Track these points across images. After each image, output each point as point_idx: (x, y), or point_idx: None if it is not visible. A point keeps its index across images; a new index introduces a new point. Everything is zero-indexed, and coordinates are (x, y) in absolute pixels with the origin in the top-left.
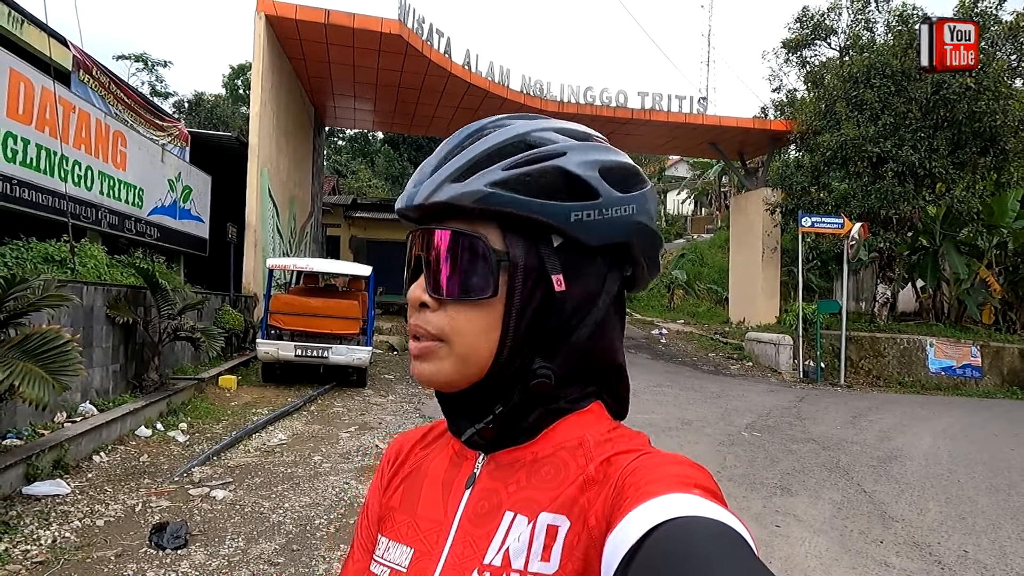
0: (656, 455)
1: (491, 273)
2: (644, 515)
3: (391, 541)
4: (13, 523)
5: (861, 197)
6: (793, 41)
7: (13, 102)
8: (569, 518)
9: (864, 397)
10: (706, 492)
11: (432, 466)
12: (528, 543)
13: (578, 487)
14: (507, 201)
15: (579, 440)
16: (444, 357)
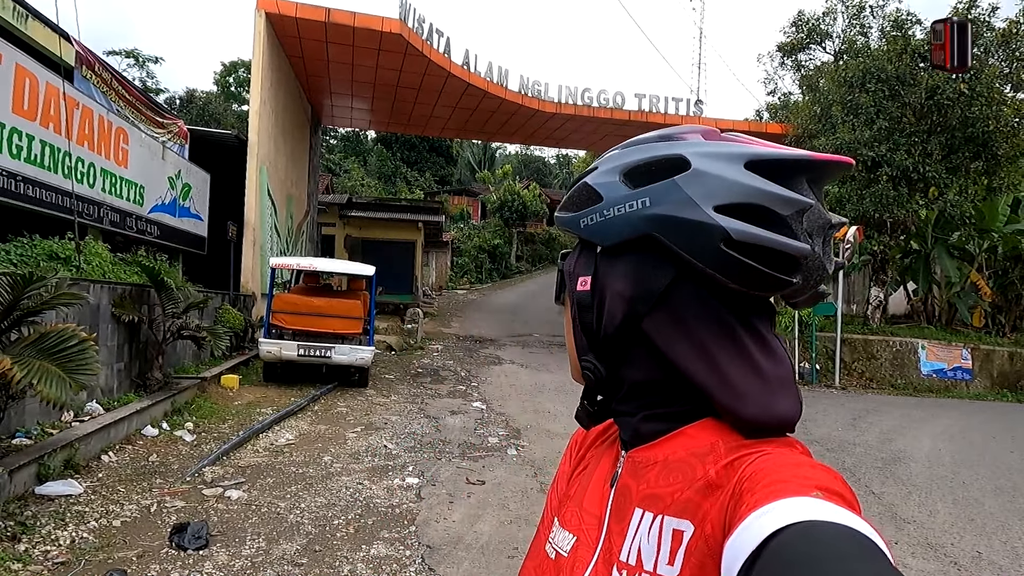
0: (776, 455)
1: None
2: (764, 520)
3: (561, 527)
4: (30, 523)
5: (855, 201)
6: (788, 45)
7: (18, 98)
8: (693, 523)
9: (860, 399)
10: (830, 494)
11: (603, 462)
12: (657, 544)
13: (700, 491)
14: (560, 221)
15: (711, 445)
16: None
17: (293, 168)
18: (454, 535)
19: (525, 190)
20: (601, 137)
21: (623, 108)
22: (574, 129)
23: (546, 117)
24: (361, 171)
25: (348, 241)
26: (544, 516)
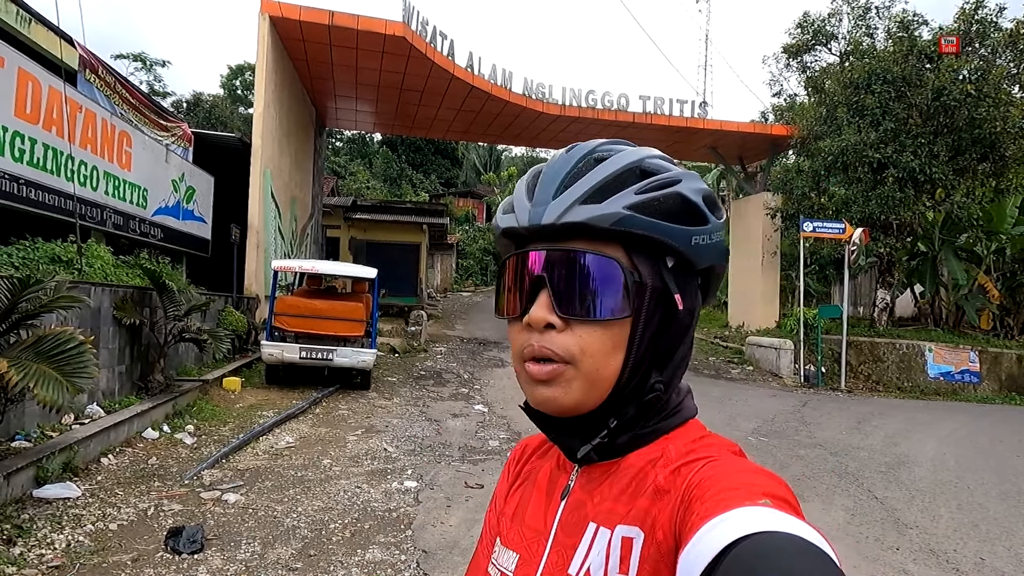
0: (723, 462)
1: (627, 294)
2: (718, 531)
3: (503, 546)
4: (26, 526)
5: (862, 202)
6: (794, 46)
7: (21, 101)
8: (643, 530)
9: (866, 402)
10: (779, 502)
11: (540, 476)
12: (606, 556)
13: (650, 498)
14: (643, 224)
15: (661, 452)
16: (571, 379)
17: (297, 171)
18: (450, 539)
19: None
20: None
21: (627, 110)
22: (579, 131)
23: (550, 119)
24: (366, 173)
25: (353, 243)
26: (483, 537)
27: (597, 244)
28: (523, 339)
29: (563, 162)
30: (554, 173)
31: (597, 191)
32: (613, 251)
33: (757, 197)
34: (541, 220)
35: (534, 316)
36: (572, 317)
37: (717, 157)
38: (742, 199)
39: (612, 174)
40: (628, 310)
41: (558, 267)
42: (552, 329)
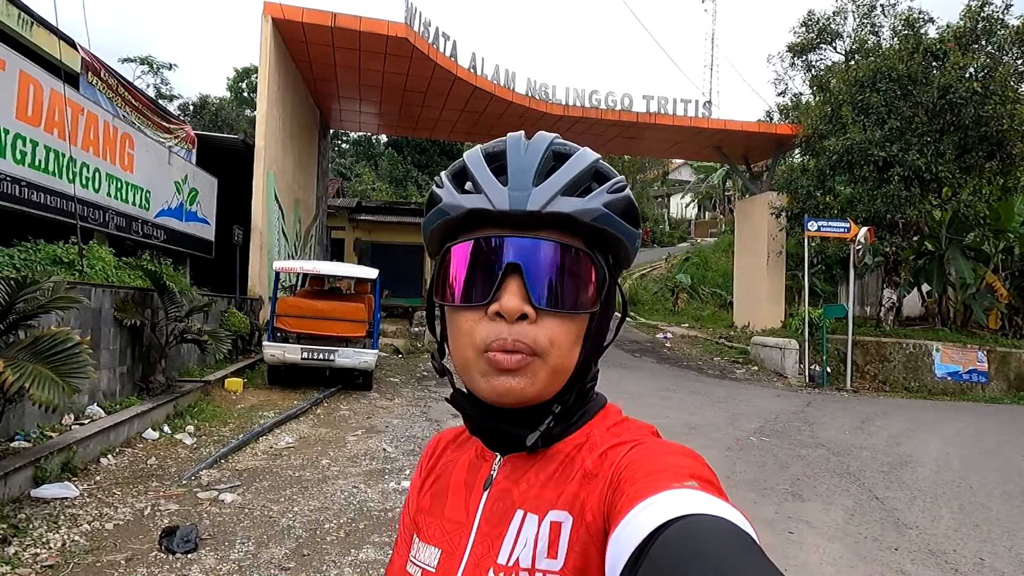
0: (649, 445)
1: (598, 287)
2: (647, 513)
3: (422, 542)
4: (22, 526)
5: (867, 201)
6: (798, 45)
7: (23, 104)
8: (571, 514)
9: (871, 402)
10: (705, 483)
11: (457, 468)
12: (534, 541)
13: (578, 482)
14: (614, 222)
15: (586, 436)
16: (538, 370)
17: (301, 172)
18: None
19: None
20: (610, 139)
21: (631, 110)
22: (582, 131)
23: (554, 120)
24: (372, 175)
25: (357, 244)
26: (399, 538)
27: (565, 235)
28: (488, 329)
29: (530, 154)
30: (523, 161)
31: (572, 185)
32: (578, 243)
33: (762, 197)
34: (526, 206)
35: (508, 306)
36: (548, 309)
37: (722, 157)
38: (747, 199)
39: (582, 171)
40: (597, 304)
41: (535, 256)
42: (524, 320)
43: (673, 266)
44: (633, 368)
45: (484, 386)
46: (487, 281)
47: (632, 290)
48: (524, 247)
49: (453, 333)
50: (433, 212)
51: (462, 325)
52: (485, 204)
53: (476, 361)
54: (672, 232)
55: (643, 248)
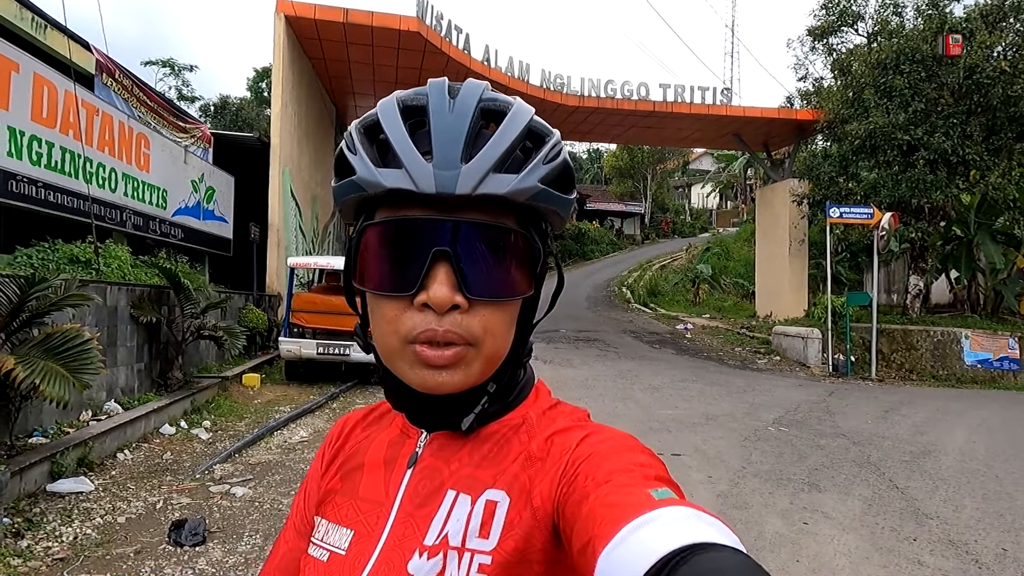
0: (601, 435)
1: (533, 270)
2: (649, 535)
3: (331, 524)
4: (36, 520)
5: (891, 186)
6: (818, 28)
7: (37, 106)
8: (509, 494)
9: (896, 391)
10: (670, 484)
11: (374, 446)
12: (467, 520)
13: (520, 464)
14: (550, 197)
15: (522, 417)
16: (472, 361)
17: (318, 169)
18: None
19: None
20: (626, 129)
21: (648, 99)
22: (598, 122)
23: (569, 111)
24: None
25: None
26: (288, 525)
27: (496, 214)
28: (415, 320)
29: (456, 115)
30: (450, 127)
31: (505, 157)
32: (509, 221)
33: (783, 184)
34: (455, 189)
35: (437, 297)
36: (482, 298)
37: (742, 144)
38: (768, 187)
39: (516, 137)
40: (532, 287)
41: (465, 241)
42: (455, 310)
43: (694, 256)
44: (652, 359)
45: (413, 377)
46: (413, 268)
47: (652, 281)
48: (452, 231)
49: (375, 319)
50: (345, 184)
51: (385, 313)
52: (407, 184)
53: (402, 351)
54: (693, 222)
55: (663, 239)
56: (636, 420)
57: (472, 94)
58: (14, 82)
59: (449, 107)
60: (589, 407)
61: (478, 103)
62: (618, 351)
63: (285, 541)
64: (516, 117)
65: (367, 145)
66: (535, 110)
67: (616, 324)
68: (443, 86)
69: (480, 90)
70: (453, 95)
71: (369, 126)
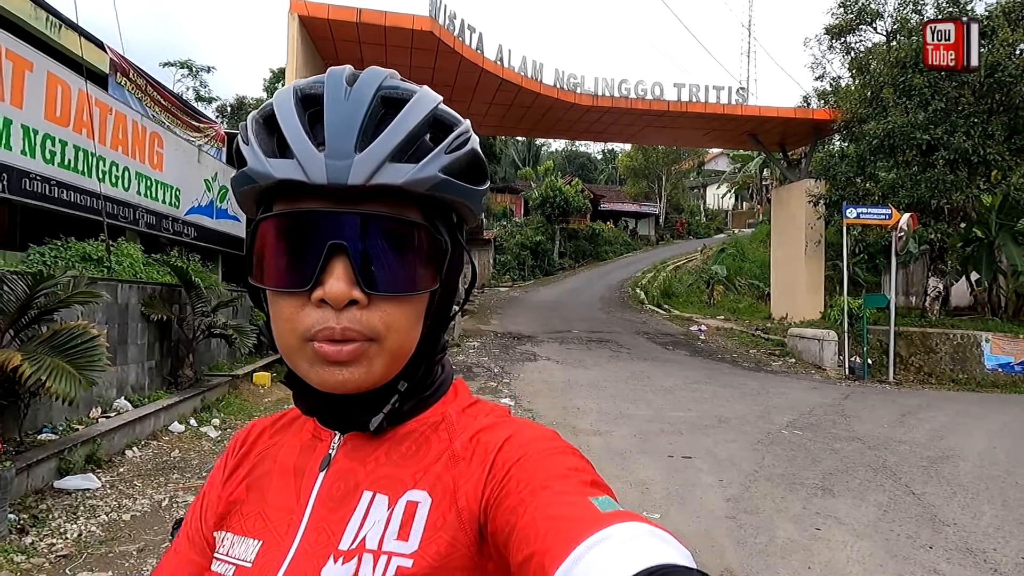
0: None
1: (437, 263)
2: (605, 555)
3: (236, 536)
4: (42, 516)
5: (910, 187)
6: (836, 27)
7: (51, 104)
8: (432, 495)
9: (914, 395)
10: (612, 496)
11: (283, 453)
12: (385, 522)
13: (443, 464)
14: (454, 188)
15: (441, 415)
16: (375, 357)
17: None
18: None
19: (568, 186)
20: (640, 128)
21: (662, 98)
22: (612, 122)
23: (583, 110)
24: None
25: None
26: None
27: (397, 206)
28: (313, 317)
29: (353, 103)
30: (344, 116)
31: (404, 146)
32: (412, 213)
33: (799, 184)
34: (347, 180)
35: (334, 292)
36: (380, 293)
37: (757, 144)
38: (784, 187)
39: (417, 126)
40: (437, 281)
41: (362, 234)
42: (353, 305)
43: (709, 257)
44: (664, 361)
45: (314, 377)
46: (308, 263)
47: (666, 282)
48: (349, 224)
49: (274, 316)
50: (239, 175)
51: (282, 311)
52: (298, 174)
53: (301, 349)
54: (708, 223)
55: (677, 239)
56: (647, 422)
57: (371, 82)
58: (28, 81)
59: (345, 95)
60: (600, 408)
61: (377, 91)
62: (631, 352)
63: (176, 552)
64: (417, 105)
65: (264, 135)
66: (550, 106)
67: (629, 325)
68: (341, 73)
69: (381, 77)
70: (351, 83)
71: (268, 116)
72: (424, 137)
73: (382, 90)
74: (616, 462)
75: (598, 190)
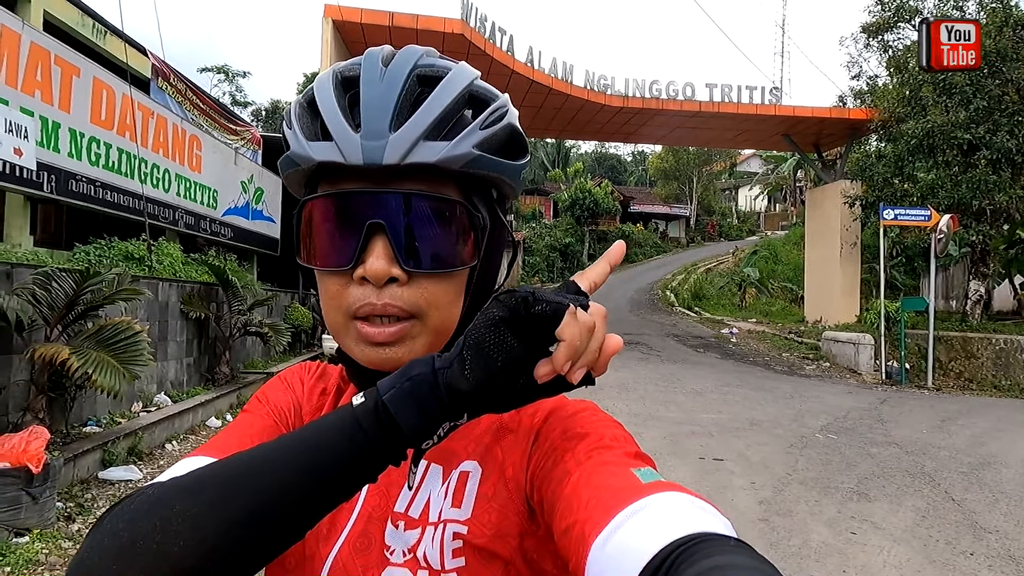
0: (568, 405)
1: (476, 240)
2: (644, 523)
3: None
4: (87, 505)
5: (950, 187)
6: (874, 25)
7: (96, 108)
8: (482, 466)
9: (954, 400)
10: (654, 467)
11: None
12: (441, 491)
13: (492, 436)
14: (489, 164)
15: None
16: (418, 335)
17: None
18: None
19: (597, 188)
20: (671, 130)
21: (694, 99)
22: (643, 123)
23: (613, 111)
24: None
25: None
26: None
27: (435, 183)
28: (356, 294)
29: (387, 83)
30: (379, 96)
31: (439, 123)
32: (451, 190)
33: (835, 185)
34: (382, 159)
35: (374, 270)
36: (419, 270)
37: (791, 145)
38: (819, 188)
39: (452, 102)
40: (476, 257)
41: (399, 212)
42: (394, 282)
43: (740, 260)
44: (695, 364)
45: (359, 354)
46: (349, 242)
47: (697, 284)
48: (386, 203)
49: (322, 295)
50: (284, 158)
51: (328, 289)
52: (335, 156)
53: (346, 327)
54: (740, 225)
55: (709, 242)
56: (677, 424)
57: (406, 61)
58: (75, 86)
59: (380, 75)
60: (630, 410)
61: (412, 69)
62: (660, 355)
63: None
64: (452, 82)
65: (307, 120)
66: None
67: (659, 327)
68: (378, 54)
69: (416, 56)
70: (387, 63)
71: (311, 100)
72: (461, 113)
73: (417, 68)
74: None
75: (628, 192)
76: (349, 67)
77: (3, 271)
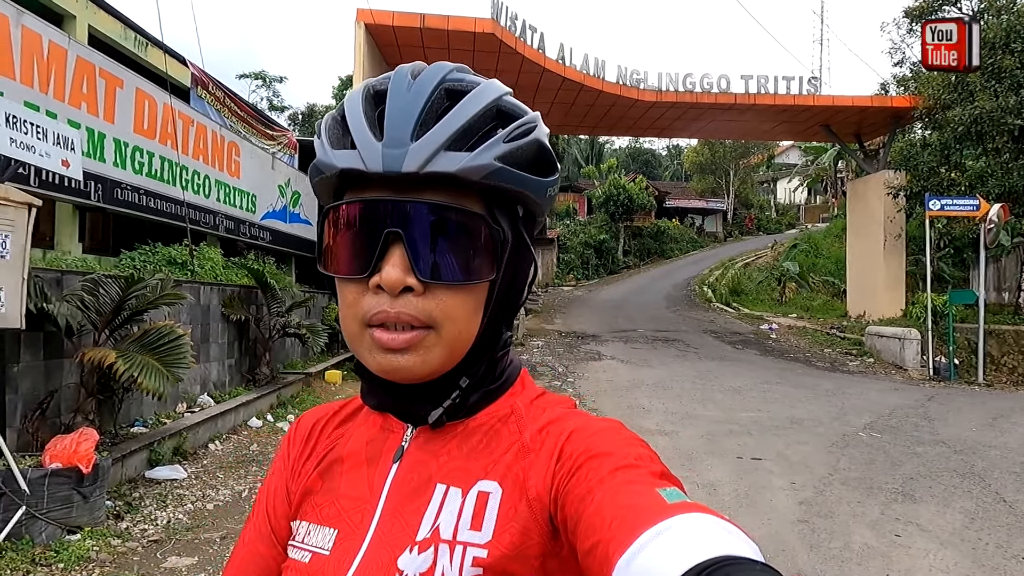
0: (593, 425)
1: (496, 254)
2: (669, 543)
3: (311, 524)
4: (135, 503)
5: (1001, 175)
6: (917, 9)
7: (139, 118)
8: (502, 486)
9: (1007, 397)
10: (680, 487)
11: (352, 443)
12: (458, 513)
13: (513, 455)
14: (511, 177)
15: (510, 408)
16: (432, 346)
17: None
18: None
19: (631, 183)
20: (706, 123)
21: (729, 91)
22: (676, 117)
23: (646, 107)
24: None
25: None
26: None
27: (456, 195)
28: (370, 303)
29: (414, 94)
30: (404, 106)
31: (462, 135)
32: (473, 203)
33: (877, 176)
34: (401, 167)
35: (389, 278)
36: (435, 281)
37: (831, 136)
38: (860, 179)
39: (476, 115)
40: (494, 271)
41: (418, 222)
42: (409, 292)
43: (780, 254)
44: (733, 360)
45: (372, 362)
46: (367, 251)
47: (735, 280)
48: (405, 212)
49: (340, 303)
50: (312, 167)
51: (345, 297)
52: (356, 163)
53: (361, 335)
54: (779, 218)
55: (746, 236)
56: (715, 422)
57: (434, 75)
58: (119, 97)
59: (408, 87)
60: (666, 408)
61: (439, 83)
62: (698, 351)
63: (245, 545)
64: (478, 96)
65: (337, 132)
66: (612, 103)
67: (696, 324)
68: (408, 69)
69: (445, 71)
70: (416, 76)
71: (342, 113)
72: (488, 127)
73: (446, 82)
74: (683, 463)
75: (663, 187)
76: (381, 81)
77: (53, 278)
